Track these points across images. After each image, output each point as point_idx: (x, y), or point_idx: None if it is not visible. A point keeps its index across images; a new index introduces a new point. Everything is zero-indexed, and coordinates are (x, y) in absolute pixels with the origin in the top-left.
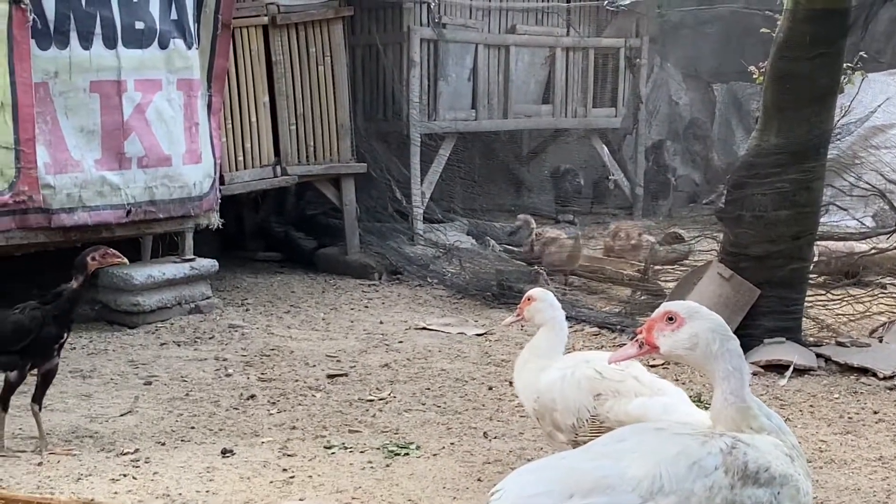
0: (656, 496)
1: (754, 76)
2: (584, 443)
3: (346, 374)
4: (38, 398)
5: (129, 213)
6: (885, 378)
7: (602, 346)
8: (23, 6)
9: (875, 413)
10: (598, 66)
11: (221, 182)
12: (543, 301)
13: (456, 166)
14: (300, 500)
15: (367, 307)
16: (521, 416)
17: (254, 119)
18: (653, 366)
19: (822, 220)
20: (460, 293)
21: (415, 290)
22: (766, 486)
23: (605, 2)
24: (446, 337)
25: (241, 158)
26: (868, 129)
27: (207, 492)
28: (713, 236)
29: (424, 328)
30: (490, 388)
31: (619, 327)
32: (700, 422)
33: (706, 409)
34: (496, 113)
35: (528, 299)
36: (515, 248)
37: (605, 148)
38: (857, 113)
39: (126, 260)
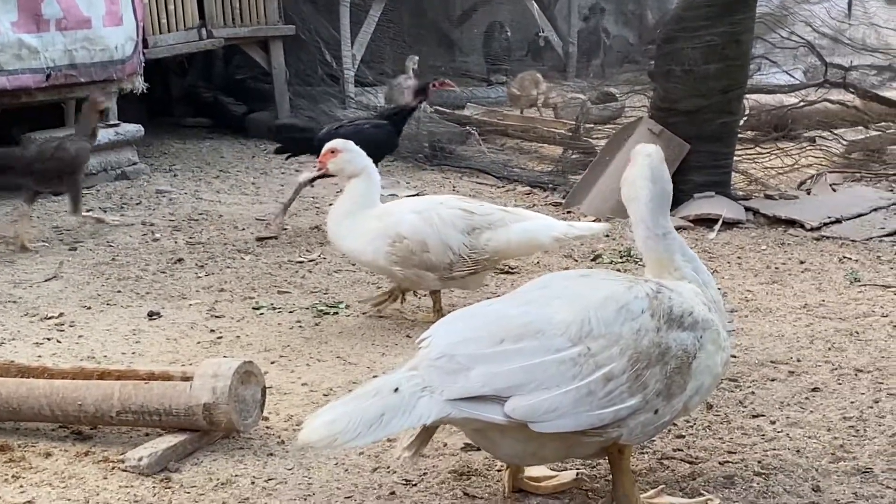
0: (585, 339)
1: None
2: (460, 277)
3: (275, 237)
4: None
5: (48, 77)
6: (812, 229)
7: (534, 205)
8: None
9: (801, 263)
10: None
11: (145, 45)
12: (351, 151)
13: (386, 27)
14: (223, 356)
15: (298, 171)
16: None
17: None
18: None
19: (755, 76)
20: (392, 155)
21: None
22: (689, 330)
23: None
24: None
25: (164, 21)
26: None
27: (133, 353)
28: (645, 93)
29: None
30: None
31: (550, 186)
32: (589, 231)
33: (635, 262)
34: None
35: (332, 152)
36: (445, 109)
37: (536, 5)
38: None
39: (455, 87)
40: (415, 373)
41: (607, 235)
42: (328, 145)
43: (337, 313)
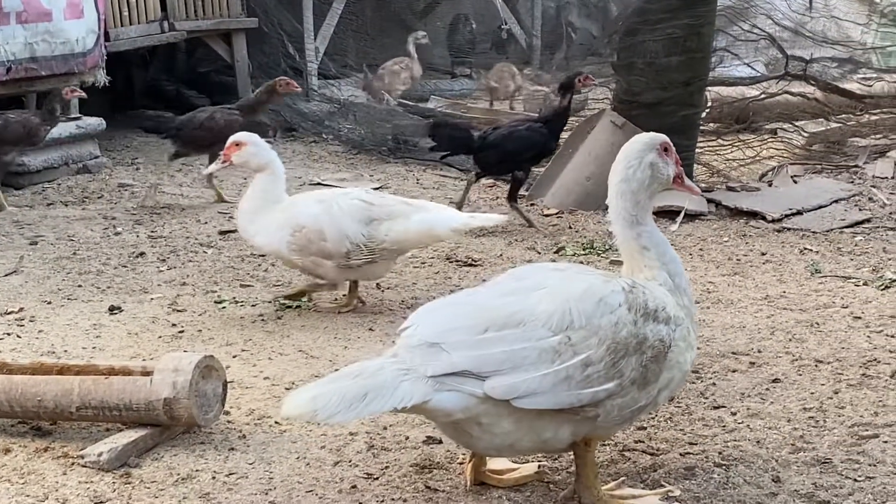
0: (566, 330)
1: None
2: (357, 266)
3: (238, 231)
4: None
5: (9, 70)
6: (773, 221)
7: (497, 197)
8: None
9: (763, 255)
10: None
11: (106, 38)
12: (256, 144)
13: (349, 19)
14: (184, 351)
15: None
16: (415, 268)
17: None
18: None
19: (717, 68)
20: (356, 148)
21: (310, 146)
22: (664, 323)
23: None
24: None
25: (125, 14)
26: None
27: (94, 348)
28: (607, 86)
29: (319, 183)
30: None
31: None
32: (488, 222)
33: (597, 254)
34: None
35: (237, 144)
36: (409, 102)
37: None
38: None
39: (596, 82)
40: (396, 358)
41: (570, 227)
42: (232, 138)
43: (299, 306)
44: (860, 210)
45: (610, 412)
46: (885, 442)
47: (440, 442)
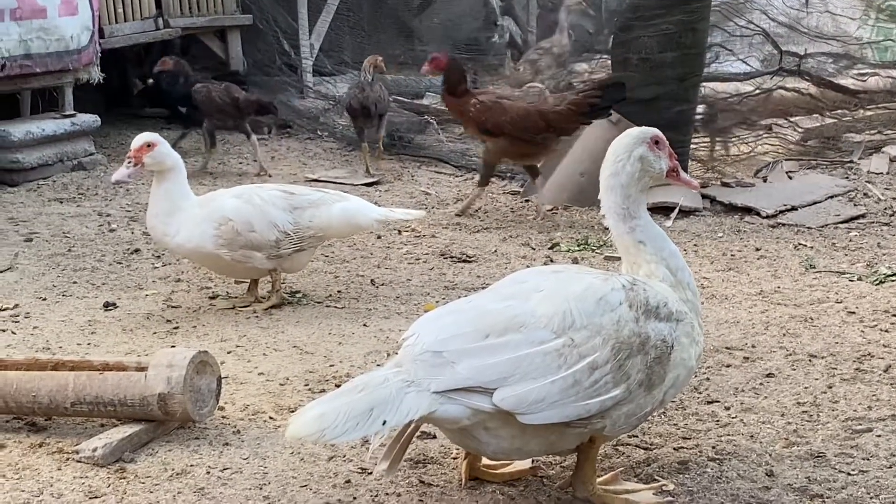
0: (568, 331)
1: None
2: (287, 255)
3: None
4: None
5: (3, 67)
6: (767, 216)
7: (492, 194)
8: None
9: (757, 250)
10: None
11: (101, 35)
12: (166, 144)
13: (345, 16)
14: (178, 346)
15: (256, 161)
16: (409, 264)
17: None
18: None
19: (712, 65)
20: (351, 145)
21: (304, 143)
22: (665, 321)
23: None
24: (336, 188)
25: (120, 10)
26: None
27: (89, 344)
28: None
29: (315, 180)
30: (378, 237)
31: (508, 175)
32: (408, 216)
33: (592, 250)
34: None
35: (149, 146)
36: (405, 99)
37: None
38: None
39: None
40: (399, 369)
41: (565, 223)
42: (143, 139)
43: (294, 303)
44: (855, 205)
45: (617, 421)
46: (879, 436)
47: (434, 437)
